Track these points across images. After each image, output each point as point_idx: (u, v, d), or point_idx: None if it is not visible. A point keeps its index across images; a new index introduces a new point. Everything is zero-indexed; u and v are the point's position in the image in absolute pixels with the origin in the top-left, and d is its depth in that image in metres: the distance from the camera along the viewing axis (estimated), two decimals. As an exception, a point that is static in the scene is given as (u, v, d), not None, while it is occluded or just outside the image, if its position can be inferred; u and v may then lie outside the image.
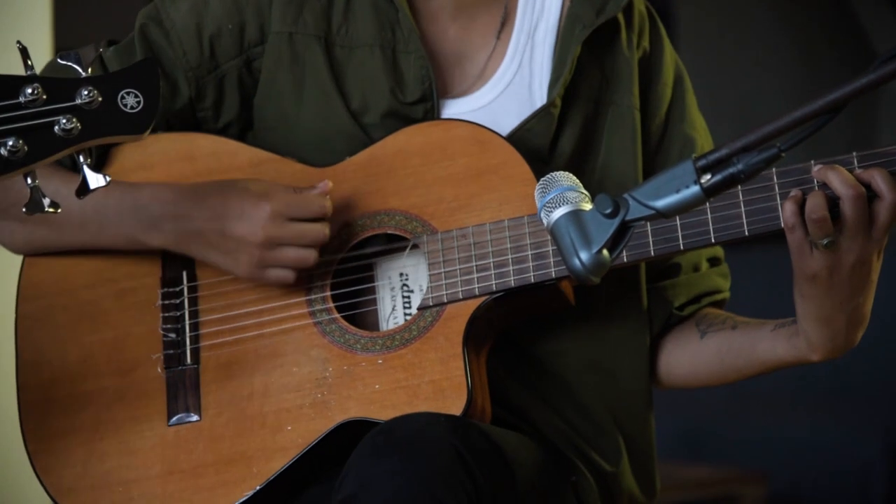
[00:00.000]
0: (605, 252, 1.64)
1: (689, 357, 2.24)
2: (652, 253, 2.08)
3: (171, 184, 2.15)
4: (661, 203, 1.64)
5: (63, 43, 3.36)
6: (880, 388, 5.36)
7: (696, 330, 2.24)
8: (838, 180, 1.95)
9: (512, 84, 2.23)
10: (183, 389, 2.13)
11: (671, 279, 2.25)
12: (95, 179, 1.73)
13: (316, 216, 2.10)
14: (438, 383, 2.06)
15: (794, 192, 1.97)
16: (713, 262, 2.29)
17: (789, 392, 5.37)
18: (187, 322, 2.16)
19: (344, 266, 2.15)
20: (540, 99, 2.21)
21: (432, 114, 2.19)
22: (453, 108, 2.21)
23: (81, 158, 1.72)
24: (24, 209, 1.70)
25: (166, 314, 2.17)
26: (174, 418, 2.13)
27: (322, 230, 2.10)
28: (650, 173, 2.17)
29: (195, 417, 2.12)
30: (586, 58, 2.20)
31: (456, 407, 2.04)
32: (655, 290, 2.25)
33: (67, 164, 2.15)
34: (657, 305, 2.25)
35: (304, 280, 2.14)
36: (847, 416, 5.27)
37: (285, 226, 2.09)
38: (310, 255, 2.10)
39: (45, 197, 1.71)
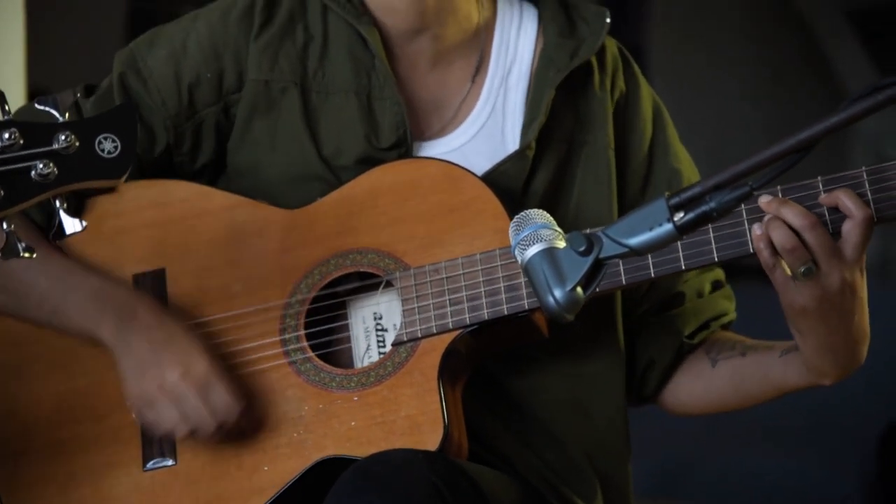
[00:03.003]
0: (579, 290, 1.65)
1: (703, 387, 2.24)
2: (623, 282, 2.09)
3: (106, 283, 2.14)
4: (634, 241, 1.65)
5: (37, 83, 3.37)
6: (856, 423, 5.37)
7: (706, 358, 2.24)
8: (791, 213, 1.96)
9: (485, 127, 2.24)
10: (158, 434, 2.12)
11: (677, 308, 2.26)
12: (71, 224, 1.73)
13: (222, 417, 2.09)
14: (414, 418, 2.06)
15: (759, 230, 1.98)
16: (716, 285, 2.29)
17: (766, 428, 5.37)
18: None
19: (317, 305, 2.15)
20: (513, 141, 2.22)
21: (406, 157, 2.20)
22: (427, 151, 2.22)
23: (57, 203, 1.72)
24: None
25: None
26: (149, 463, 2.12)
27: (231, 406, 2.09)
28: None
29: (170, 462, 2.11)
30: (560, 101, 2.21)
31: (432, 441, 2.04)
32: (662, 322, 2.25)
33: (37, 219, 2.15)
34: (667, 336, 2.25)
35: (279, 320, 2.13)
36: (824, 452, 5.27)
37: (200, 386, 2.08)
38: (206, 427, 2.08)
39: (20, 241, 1.70)
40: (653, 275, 2.08)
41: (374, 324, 2.17)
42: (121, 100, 2.21)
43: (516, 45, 2.27)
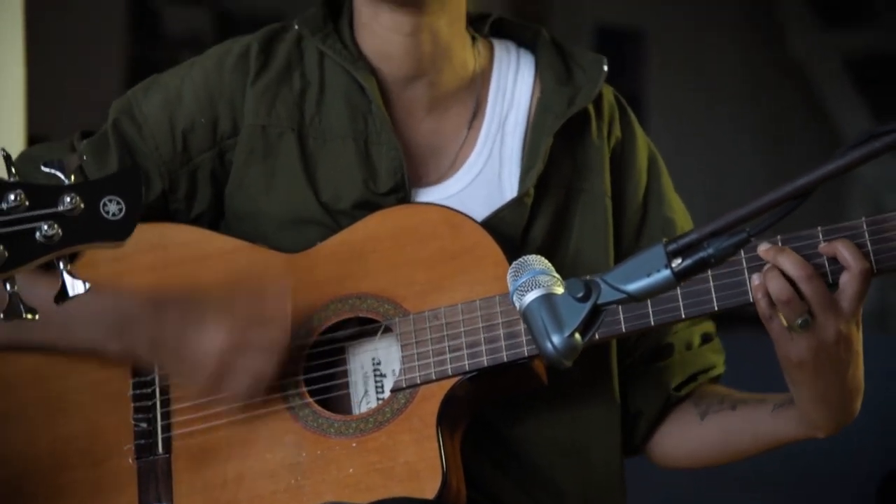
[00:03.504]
0: (577, 336, 1.65)
1: (691, 440, 2.24)
2: (623, 329, 2.09)
3: (135, 291, 2.15)
4: (632, 287, 1.65)
5: (37, 130, 3.38)
6: (855, 472, 5.35)
7: (695, 412, 2.24)
8: (788, 263, 1.97)
9: (482, 173, 2.24)
10: (154, 479, 2.12)
11: (665, 360, 2.25)
12: (74, 286, 1.73)
13: (276, 319, 2.10)
14: (413, 465, 2.06)
15: (757, 280, 1.98)
16: (705, 338, 2.29)
17: (763, 475, 5.35)
18: (158, 411, 2.15)
19: (316, 350, 2.15)
20: (510, 187, 2.23)
21: (405, 203, 2.20)
22: (424, 197, 2.23)
23: (61, 265, 1.72)
24: (1, 315, 1.70)
25: (137, 404, 2.16)
26: None
27: (283, 336, 2.09)
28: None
29: None
30: (558, 147, 2.22)
31: (430, 488, 2.03)
32: (650, 373, 2.25)
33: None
34: (653, 388, 2.25)
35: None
36: (822, 500, 5.25)
37: (243, 336, 2.08)
38: (266, 368, 2.08)
39: (23, 302, 1.71)
40: (652, 323, 2.08)
41: (372, 369, 2.17)
42: (116, 145, 2.22)
43: (513, 91, 2.28)
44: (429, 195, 2.22)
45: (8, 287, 1.70)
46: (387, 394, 2.14)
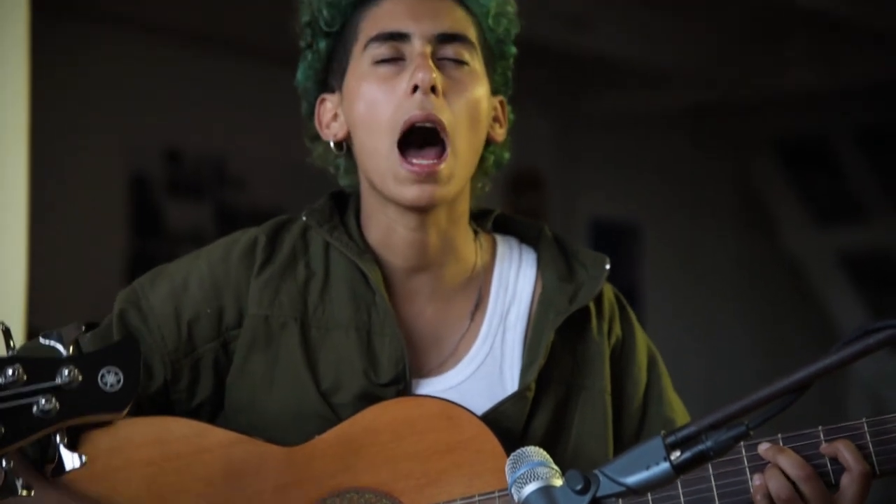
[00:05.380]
0: (576, 529, 1.64)
1: None
2: None
3: None
4: (631, 479, 1.65)
5: (37, 324, 3.39)
6: None
7: None
8: (788, 463, 1.97)
9: (483, 365, 2.25)
10: None
11: None
12: (71, 460, 1.72)
13: None
14: None
15: (758, 480, 1.98)
16: None
17: None
18: None
19: (314, 544, 2.13)
20: (511, 381, 2.24)
21: (404, 394, 2.20)
22: (425, 389, 2.23)
23: (58, 438, 1.72)
24: None
25: None
26: None
27: None
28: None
29: None
30: (558, 343, 2.23)
31: None
32: None
33: (31, 453, 2.15)
34: None
35: None
36: None
37: None
38: None
39: (19, 479, 1.70)
40: None
41: (368, 563, 2.14)
42: (120, 336, 2.22)
43: (515, 285, 2.30)
44: (430, 386, 2.23)
45: (3, 464, 1.70)
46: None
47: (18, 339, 3.35)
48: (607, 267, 2.28)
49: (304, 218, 2.29)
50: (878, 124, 8.40)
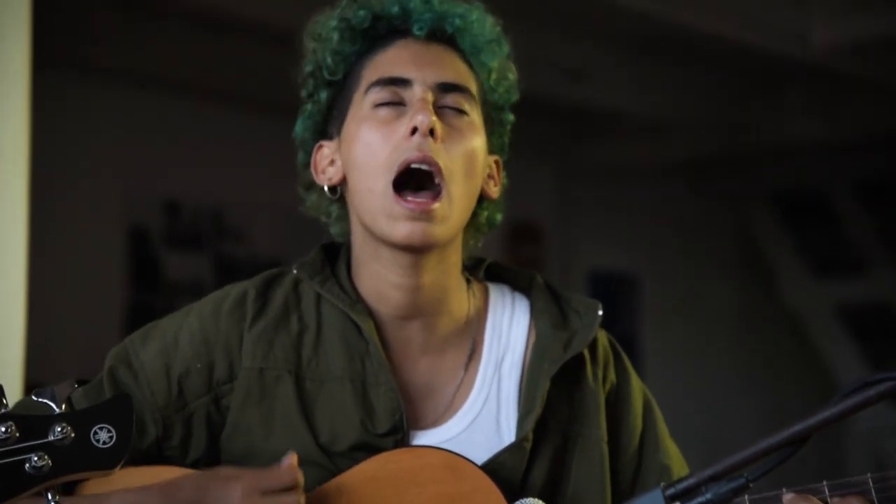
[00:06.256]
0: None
1: None
2: None
3: (139, 487, 2.13)
4: (631, 531, 1.65)
5: (35, 377, 3.38)
6: None
7: None
8: None
9: (480, 416, 2.24)
10: None
11: None
12: None
13: (288, 486, 2.08)
14: None
15: None
16: None
17: None
18: None
19: None
20: (508, 431, 2.23)
21: (403, 445, 2.20)
22: (423, 440, 2.22)
23: (50, 495, 1.72)
24: None
25: None
26: None
27: (296, 499, 2.08)
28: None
29: None
30: (554, 391, 2.23)
31: None
32: None
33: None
34: None
35: None
36: None
37: (259, 500, 2.06)
38: None
39: None
40: None
41: None
42: (111, 393, 2.21)
43: (509, 334, 2.30)
44: (428, 438, 2.22)
45: None
46: None
47: (16, 392, 3.37)
48: (600, 313, 2.28)
49: (295, 271, 2.29)
50: (876, 177, 8.44)
